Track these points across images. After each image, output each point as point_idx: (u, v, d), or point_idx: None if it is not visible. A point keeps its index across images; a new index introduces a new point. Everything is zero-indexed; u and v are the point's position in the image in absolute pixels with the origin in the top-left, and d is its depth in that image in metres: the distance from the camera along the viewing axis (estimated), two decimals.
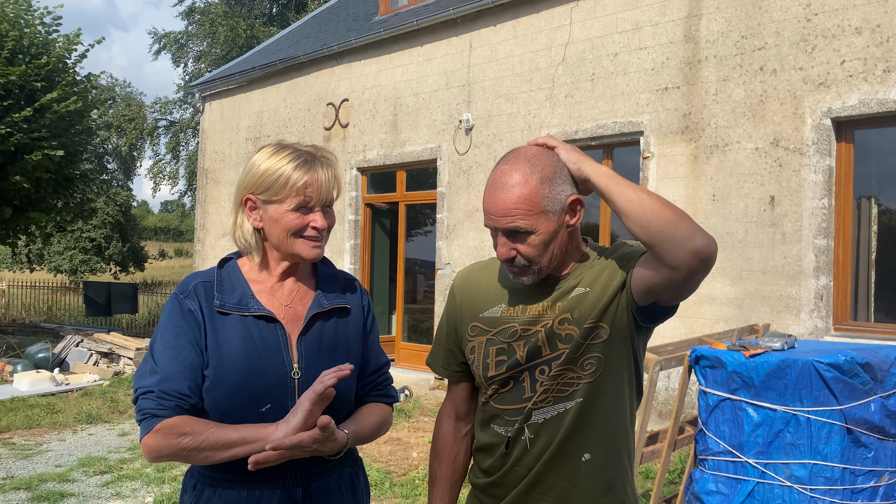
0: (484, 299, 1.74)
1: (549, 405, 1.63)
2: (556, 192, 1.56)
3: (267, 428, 1.55)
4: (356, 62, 10.19)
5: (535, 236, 1.56)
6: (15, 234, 12.67)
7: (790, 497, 3.33)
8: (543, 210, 1.55)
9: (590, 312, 1.61)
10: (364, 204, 10.29)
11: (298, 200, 1.65)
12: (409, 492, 5.12)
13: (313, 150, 1.71)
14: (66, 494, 5.03)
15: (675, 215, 1.45)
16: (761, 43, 6.33)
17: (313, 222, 1.66)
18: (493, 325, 1.70)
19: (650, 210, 1.46)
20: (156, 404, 1.55)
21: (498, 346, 1.67)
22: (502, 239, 1.59)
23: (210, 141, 12.87)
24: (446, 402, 1.86)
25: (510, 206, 1.54)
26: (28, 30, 11.42)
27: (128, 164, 44.72)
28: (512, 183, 1.54)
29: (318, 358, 1.70)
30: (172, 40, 29.43)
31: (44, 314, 18.62)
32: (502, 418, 1.69)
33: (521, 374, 1.65)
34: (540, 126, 7.93)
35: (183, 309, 1.65)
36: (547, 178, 1.55)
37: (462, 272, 1.85)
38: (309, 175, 1.65)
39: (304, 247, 1.68)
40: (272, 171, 1.65)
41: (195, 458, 1.56)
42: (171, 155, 31.42)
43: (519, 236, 1.56)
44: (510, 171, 1.56)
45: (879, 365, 3.44)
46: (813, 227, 5.95)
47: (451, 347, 1.80)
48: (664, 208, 1.46)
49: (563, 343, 1.61)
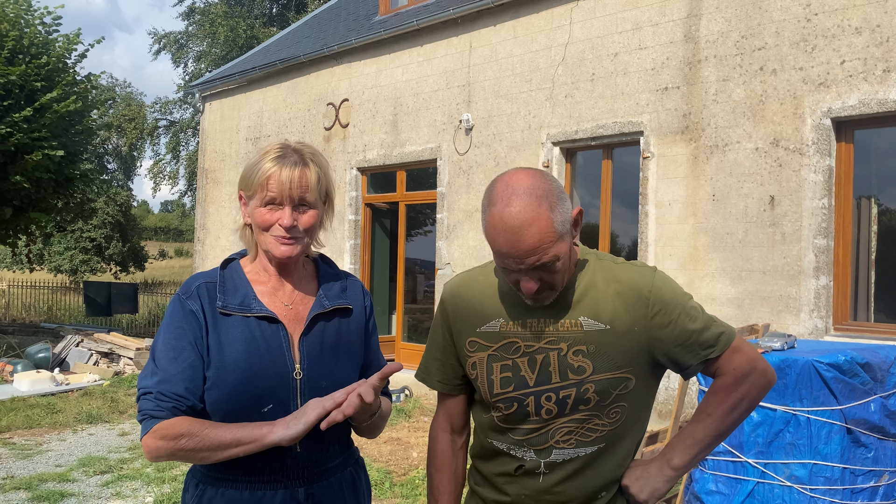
0: (480, 313, 1.69)
1: (571, 447, 1.63)
2: (564, 213, 1.52)
3: (262, 428, 1.55)
4: (356, 62, 10.20)
5: (559, 262, 1.52)
6: (15, 234, 12.67)
7: (790, 497, 3.34)
8: (560, 237, 1.51)
9: (614, 357, 1.59)
10: (364, 204, 10.29)
11: (264, 195, 1.64)
12: (409, 492, 5.13)
13: (299, 148, 1.70)
14: (66, 494, 5.04)
15: (751, 404, 1.65)
16: (761, 43, 6.33)
17: (280, 220, 1.65)
18: (494, 341, 1.66)
19: (734, 425, 1.66)
20: (154, 405, 1.58)
21: (502, 362, 1.64)
22: (529, 274, 1.53)
23: (210, 141, 12.88)
24: (440, 415, 1.82)
25: (534, 246, 1.48)
26: (28, 30, 11.42)
27: (128, 164, 44.73)
28: (527, 221, 1.47)
29: (320, 358, 1.70)
30: (172, 40, 29.42)
31: (44, 314, 18.62)
32: (506, 437, 1.68)
33: (527, 398, 1.63)
34: (540, 126, 7.93)
35: (185, 310, 1.65)
36: (553, 204, 1.50)
37: (451, 285, 1.78)
38: (274, 169, 1.63)
39: (273, 243, 1.67)
40: (252, 165, 1.67)
41: (194, 459, 1.58)
42: (171, 155, 31.41)
43: (546, 268, 1.52)
44: (519, 210, 1.48)
45: (879, 365, 3.44)
46: (813, 227, 5.96)
47: (451, 362, 1.75)
48: (741, 413, 1.64)
49: (575, 374, 1.59)
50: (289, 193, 1.64)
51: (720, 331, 1.61)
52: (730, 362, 1.61)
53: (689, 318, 1.59)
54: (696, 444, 1.64)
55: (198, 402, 1.61)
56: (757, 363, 1.63)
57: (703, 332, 1.59)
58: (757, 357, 1.64)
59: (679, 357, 1.61)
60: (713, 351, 1.60)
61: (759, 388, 1.63)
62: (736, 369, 1.61)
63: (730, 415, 1.62)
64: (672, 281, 1.65)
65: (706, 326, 1.60)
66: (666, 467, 1.65)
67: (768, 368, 1.64)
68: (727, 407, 1.62)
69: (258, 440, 1.53)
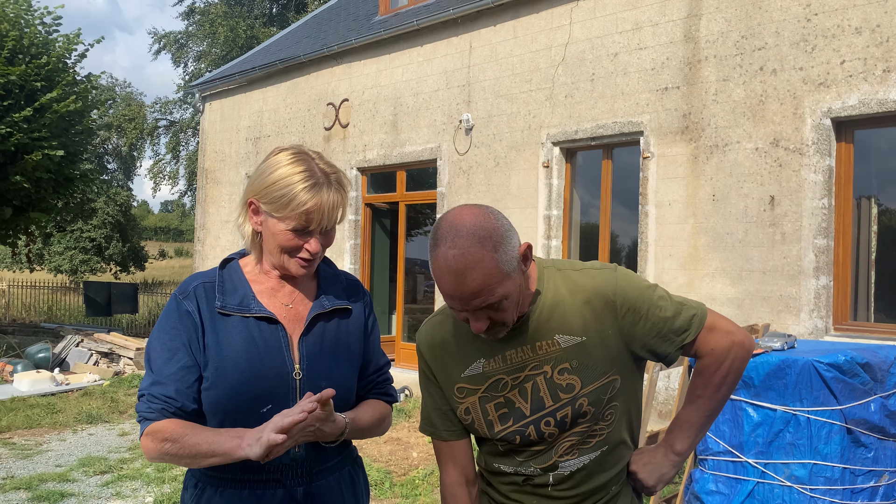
0: (458, 359, 1.66)
1: (575, 457, 1.64)
2: (510, 251, 1.48)
3: (233, 440, 1.51)
4: (356, 62, 10.19)
5: (507, 301, 1.50)
6: (15, 234, 12.67)
7: (790, 497, 3.33)
8: (507, 276, 1.47)
9: (597, 365, 1.60)
10: (364, 204, 10.29)
11: (298, 223, 1.61)
12: (409, 492, 5.12)
13: (328, 171, 1.65)
14: (66, 494, 5.04)
15: (737, 377, 1.66)
16: (761, 43, 6.33)
17: (308, 246, 1.64)
18: (480, 383, 1.64)
19: (724, 399, 1.69)
20: (146, 407, 1.60)
21: (495, 401, 1.64)
22: (476, 315, 1.51)
23: (210, 141, 12.88)
24: (451, 469, 1.74)
25: (478, 289, 1.44)
26: (28, 30, 11.42)
27: (128, 164, 44.72)
28: (469, 264, 1.43)
29: (320, 359, 1.70)
30: (172, 40, 29.43)
31: (44, 314, 18.62)
32: (511, 460, 1.68)
33: (527, 428, 1.63)
34: (540, 126, 7.93)
35: (180, 310, 1.65)
36: (497, 244, 1.46)
37: (422, 335, 1.74)
38: (314, 201, 1.60)
39: (294, 265, 1.67)
40: (281, 185, 1.60)
41: (180, 463, 1.59)
42: (171, 155, 31.42)
43: (494, 308, 1.50)
44: (460, 254, 1.43)
45: (879, 365, 3.44)
46: (813, 227, 5.95)
47: (445, 409, 1.72)
48: (728, 387, 1.66)
49: (565, 393, 1.59)
50: (328, 223, 1.64)
51: (691, 314, 1.61)
52: (707, 343, 1.62)
53: (658, 309, 1.60)
54: (694, 427, 1.69)
55: (189, 403, 1.60)
56: (734, 336, 1.63)
57: (675, 319, 1.60)
58: (732, 329, 1.64)
59: (656, 347, 1.62)
60: (688, 335, 1.61)
61: (741, 360, 1.65)
62: (714, 349, 1.62)
63: (718, 391, 1.65)
64: (634, 276, 1.65)
65: (677, 313, 1.60)
66: (670, 452, 1.70)
67: (745, 338, 1.65)
68: (714, 386, 1.64)
69: (229, 454, 1.51)
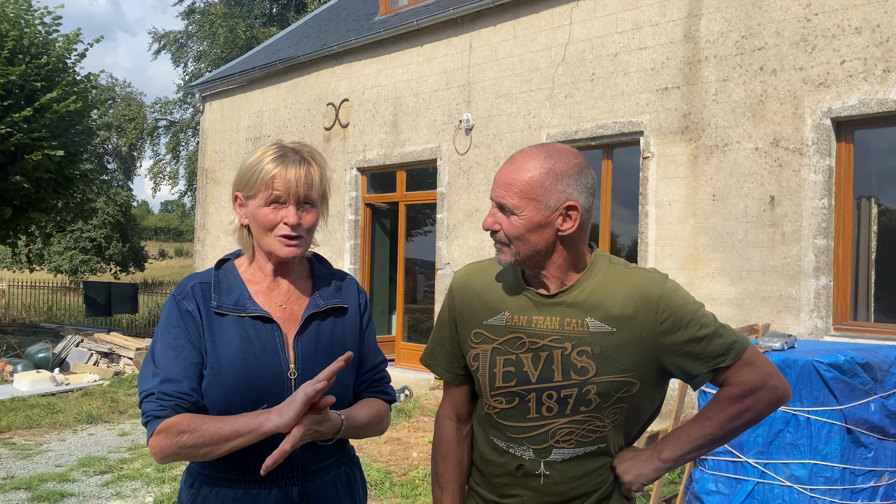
0: (487, 305, 1.70)
1: (570, 447, 1.63)
2: (556, 188, 1.56)
3: (258, 416, 1.53)
4: (356, 62, 10.19)
5: (518, 218, 1.57)
6: (15, 234, 12.67)
7: (790, 497, 3.33)
8: (535, 198, 1.56)
9: (618, 360, 1.58)
10: (364, 204, 10.29)
11: (268, 195, 1.64)
12: (409, 492, 5.12)
13: (297, 147, 1.70)
14: (66, 494, 5.03)
15: (755, 418, 1.61)
16: (761, 43, 6.33)
17: (285, 218, 1.64)
18: (499, 334, 1.66)
19: (732, 434, 1.64)
20: (156, 406, 1.57)
21: (505, 356, 1.65)
22: (493, 209, 1.62)
23: (210, 141, 12.88)
24: (446, 403, 1.83)
25: (508, 182, 1.58)
26: (28, 30, 11.42)
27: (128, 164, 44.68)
28: (521, 162, 1.58)
29: (315, 358, 1.70)
30: (172, 40, 29.42)
31: (44, 314, 18.62)
32: (505, 434, 1.68)
33: (528, 394, 1.62)
34: (540, 126, 7.93)
35: (181, 310, 1.65)
36: (555, 173, 1.56)
37: (461, 274, 1.79)
38: (278, 169, 1.63)
39: (278, 244, 1.66)
40: (251, 166, 1.67)
41: (197, 455, 1.56)
42: (171, 155, 31.39)
43: (505, 212, 1.59)
44: (529, 153, 1.60)
45: (879, 365, 3.43)
46: (813, 227, 5.95)
47: (453, 350, 1.76)
48: (743, 424, 1.62)
49: (577, 374, 1.59)
50: (295, 192, 1.64)
51: (732, 340, 1.57)
52: (739, 374, 1.57)
53: (700, 326, 1.56)
54: (690, 443, 1.64)
55: (201, 399, 1.61)
56: (769, 379, 1.58)
57: (714, 340, 1.56)
58: (771, 372, 1.59)
59: (687, 365, 1.58)
60: (724, 360, 1.56)
61: (767, 403, 1.59)
62: (744, 382, 1.57)
63: (730, 423, 1.60)
64: (683, 289, 1.63)
65: (718, 335, 1.56)
66: (655, 457, 1.67)
67: (781, 384, 1.59)
68: (728, 415, 1.59)
69: (256, 429, 1.51)
